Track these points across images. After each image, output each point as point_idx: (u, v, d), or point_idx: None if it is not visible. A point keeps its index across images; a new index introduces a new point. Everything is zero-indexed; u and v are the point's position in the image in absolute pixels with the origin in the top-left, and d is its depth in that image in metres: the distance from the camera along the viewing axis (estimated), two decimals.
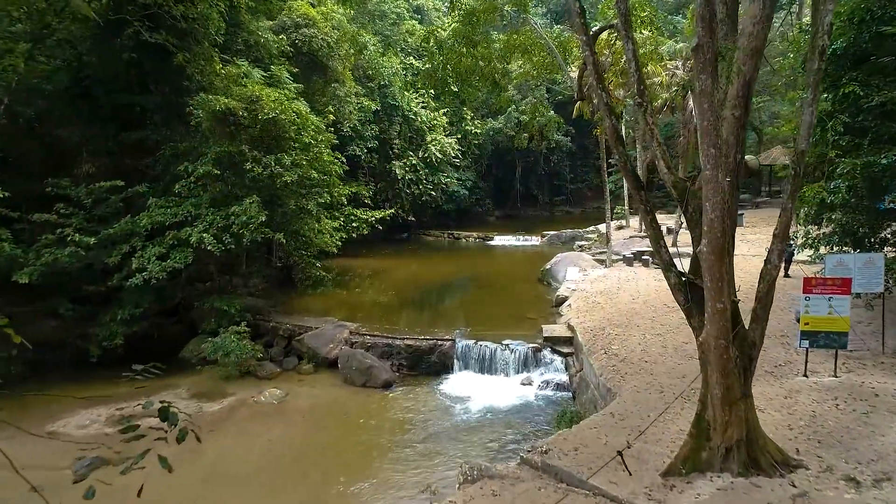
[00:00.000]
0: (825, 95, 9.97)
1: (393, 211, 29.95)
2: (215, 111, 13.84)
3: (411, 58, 32.20)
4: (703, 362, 6.96)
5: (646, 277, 17.23)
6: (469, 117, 36.41)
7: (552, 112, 26.98)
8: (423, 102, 32.45)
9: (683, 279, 6.88)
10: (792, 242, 16.49)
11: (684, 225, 25.68)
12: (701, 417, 6.75)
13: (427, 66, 11.69)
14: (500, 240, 32.46)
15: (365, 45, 12.94)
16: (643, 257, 18.91)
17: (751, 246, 20.72)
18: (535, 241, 31.55)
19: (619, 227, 28.07)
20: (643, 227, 27.76)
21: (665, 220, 31.51)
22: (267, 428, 10.99)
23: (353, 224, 26.45)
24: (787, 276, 16.43)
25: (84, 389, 13.43)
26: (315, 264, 17.45)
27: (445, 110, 33.73)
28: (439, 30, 11.43)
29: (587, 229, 30.82)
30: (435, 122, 32.29)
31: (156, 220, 13.90)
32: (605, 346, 11.64)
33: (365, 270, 25.29)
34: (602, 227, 29.10)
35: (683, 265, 6.85)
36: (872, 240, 10.39)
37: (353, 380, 13.14)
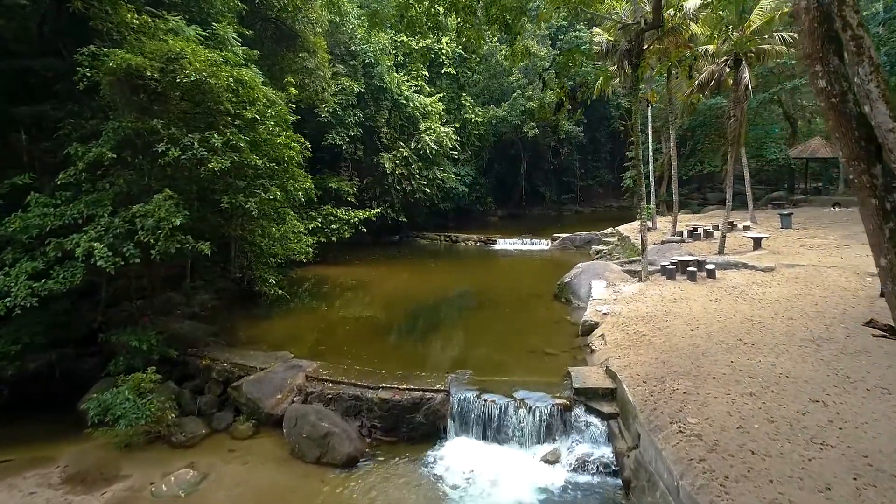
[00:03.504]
0: None
1: (380, 210, 26.00)
2: (114, 71, 9.89)
3: (403, 35, 28.12)
4: None
5: (698, 297, 13.27)
6: (469, 104, 32.26)
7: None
8: (416, 86, 28.43)
9: None
10: None
11: (737, 227, 21.39)
12: None
13: None
14: (503, 243, 28.56)
15: None
16: (688, 269, 14.96)
17: (820, 253, 16.78)
18: (544, 244, 27.67)
19: None
20: (674, 229, 23.71)
21: (693, 221, 27.58)
22: None
23: (333, 226, 22.64)
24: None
25: None
26: (268, 280, 13.44)
27: (442, 95, 29.70)
28: None
29: (605, 231, 26.91)
30: (430, 108, 28.19)
31: (32, 224, 9.97)
32: (675, 414, 7.68)
33: (346, 281, 21.42)
34: (623, 229, 25.19)
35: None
36: None
37: (302, 452, 9.20)
